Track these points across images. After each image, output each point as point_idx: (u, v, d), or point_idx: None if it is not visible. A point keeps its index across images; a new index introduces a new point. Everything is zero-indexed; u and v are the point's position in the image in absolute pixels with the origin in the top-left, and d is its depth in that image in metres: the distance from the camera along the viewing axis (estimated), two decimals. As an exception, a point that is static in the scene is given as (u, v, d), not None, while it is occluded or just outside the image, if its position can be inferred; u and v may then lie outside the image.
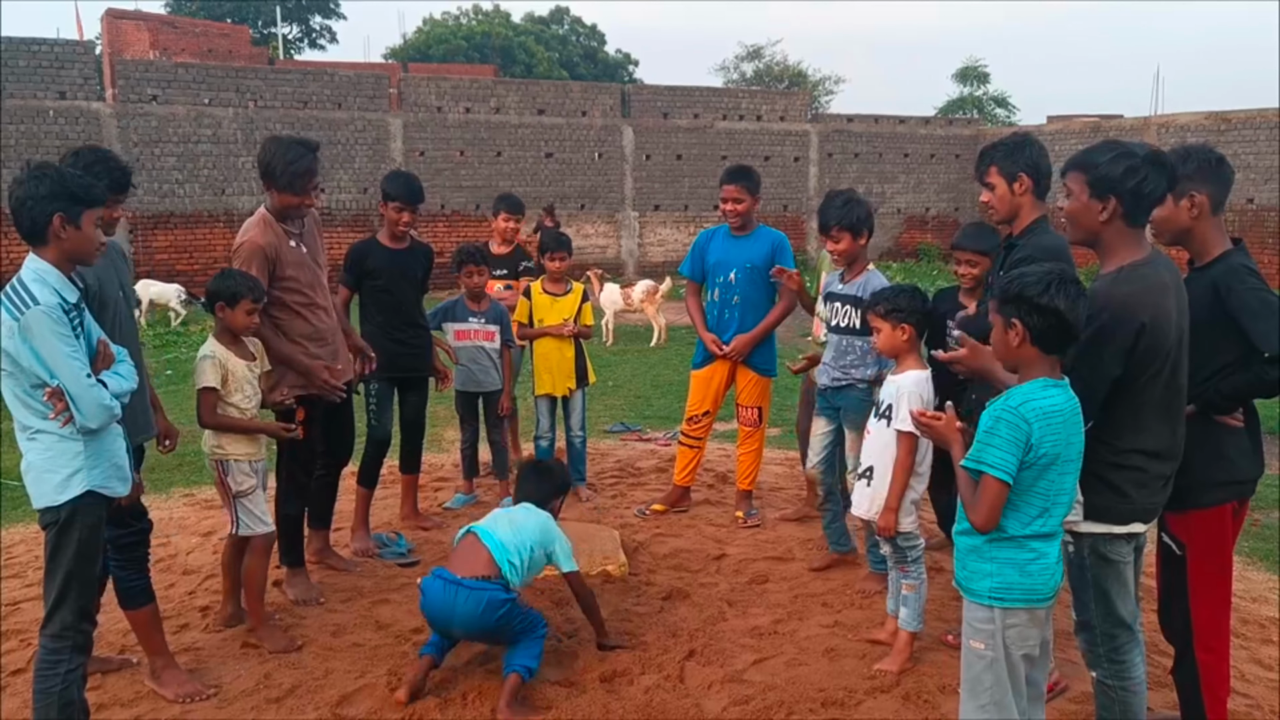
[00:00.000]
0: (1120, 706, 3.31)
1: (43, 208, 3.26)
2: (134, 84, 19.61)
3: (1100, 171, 3.09)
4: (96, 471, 3.39)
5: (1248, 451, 3.50)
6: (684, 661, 4.37)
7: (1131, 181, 3.05)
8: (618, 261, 24.51)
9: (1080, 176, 3.15)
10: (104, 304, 3.83)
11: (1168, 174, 3.11)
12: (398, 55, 47.01)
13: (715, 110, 25.63)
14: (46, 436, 3.33)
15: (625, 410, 10.01)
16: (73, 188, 3.32)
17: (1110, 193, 3.08)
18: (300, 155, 4.70)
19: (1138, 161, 3.05)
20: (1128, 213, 3.10)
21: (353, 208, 21.48)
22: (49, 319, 3.19)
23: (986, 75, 44.53)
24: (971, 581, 3.02)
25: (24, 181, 3.31)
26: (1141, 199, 3.09)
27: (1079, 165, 3.16)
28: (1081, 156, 3.18)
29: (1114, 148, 3.12)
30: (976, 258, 4.71)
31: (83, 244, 3.35)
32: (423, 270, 5.97)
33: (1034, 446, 2.85)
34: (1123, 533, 3.20)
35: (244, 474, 4.51)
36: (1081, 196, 3.15)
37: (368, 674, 4.26)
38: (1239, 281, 3.37)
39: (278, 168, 4.67)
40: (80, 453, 3.34)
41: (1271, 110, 21.26)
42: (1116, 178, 3.06)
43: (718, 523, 6.30)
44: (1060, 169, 3.29)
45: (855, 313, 4.99)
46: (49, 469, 3.34)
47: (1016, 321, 2.91)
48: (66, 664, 3.41)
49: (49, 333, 3.19)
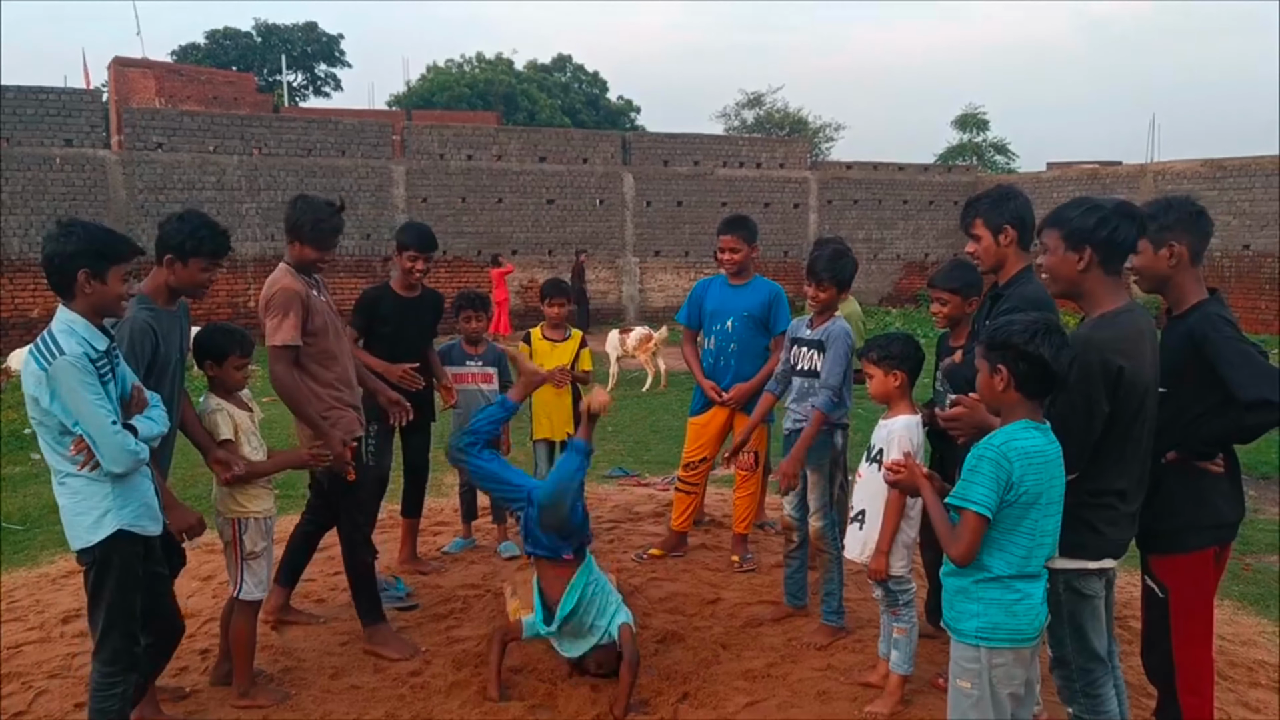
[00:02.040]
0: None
1: (69, 264, 3.39)
2: (140, 132, 19.88)
3: (1073, 225, 3.26)
4: (127, 511, 3.52)
5: (1229, 495, 3.58)
6: (677, 704, 4.41)
7: (1104, 231, 3.21)
8: (619, 307, 24.68)
9: (1055, 232, 3.31)
10: (166, 363, 4.01)
11: (1136, 223, 3.27)
12: (402, 102, 47.51)
13: (715, 157, 25.91)
14: (75, 480, 3.47)
15: (624, 455, 10.06)
16: (99, 245, 3.45)
17: (1085, 243, 3.24)
18: (330, 214, 4.87)
19: (1107, 213, 3.22)
20: (1103, 261, 3.25)
21: (356, 254, 21.66)
22: (75, 369, 3.32)
23: (986, 122, 45.06)
24: (958, 621, 3.10)
25: (55, 238, 3.45)
26: (1115, 247, 3.25)
27: (1053, 223, 3.33)
28: (1054, 215, 3.35)
29: (1084, 203, 3.29)
30: (946, 295, 4.73)
31: (107, 298, 3.47)
32: (432, 318, 6.07)
33: (1015, 485, 2.95)
34: (1095, 568, 3.32)
35: (260, 535, 4.40)
36: (1058, 251, 3.30)
37: (365, 716, 4.31)
38: (1215, 331, 3.47)
39: (307, 224, 4.80)
40: (109, 494, 3.48)
41: (1267, 158, 21.49)
42: (1089, 229, 3.23)
43: (714, 567, 6.34)
44: (1036, 229, 3.44)
45: (818, 356, 5.08)
46: (80, 511, 3.48)
47: (1002, 367, 3.04)
48: (121, 684, 3.58)
49: (75, 382, 3.32)
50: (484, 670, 4.66)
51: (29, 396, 3.42)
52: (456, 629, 5.31)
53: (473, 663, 4.79)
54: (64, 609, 5.59)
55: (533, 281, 22.68)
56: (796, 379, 5.21)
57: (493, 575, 6.17)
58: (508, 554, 6.56)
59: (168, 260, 4.09)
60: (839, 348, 5.02)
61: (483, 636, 5.09)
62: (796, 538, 5.32)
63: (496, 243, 23.20)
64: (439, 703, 4.40)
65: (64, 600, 5.75)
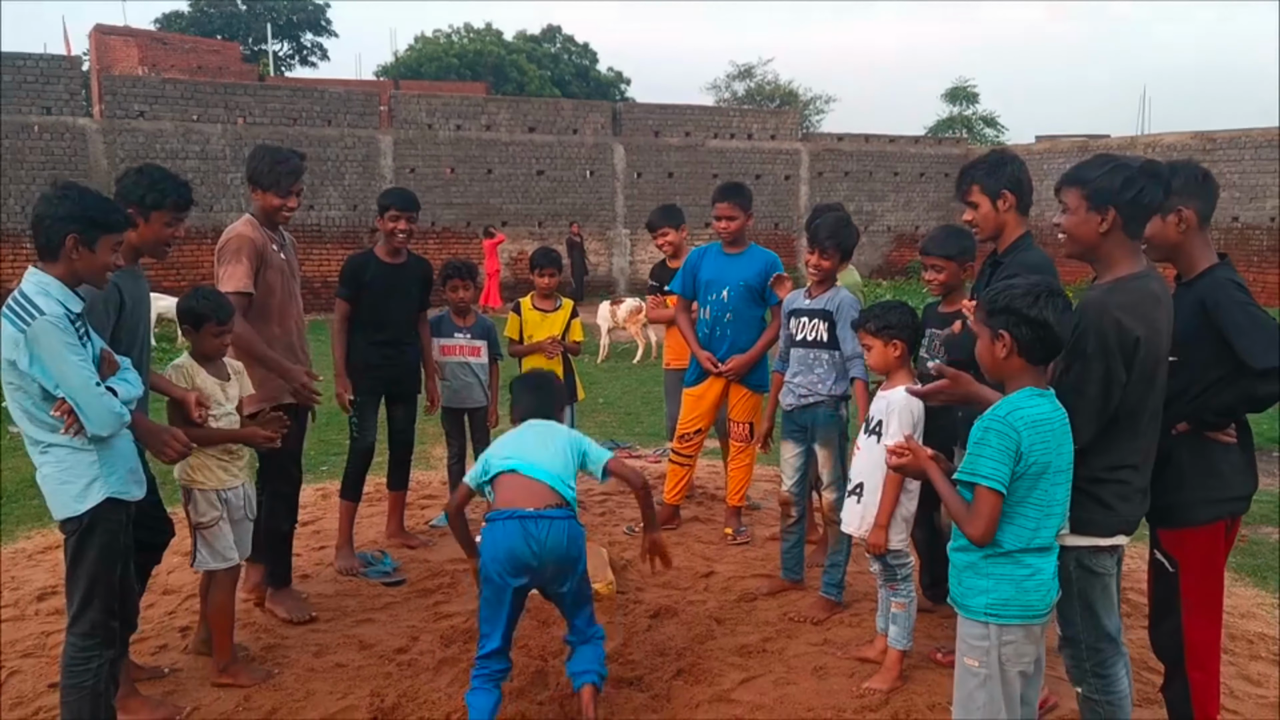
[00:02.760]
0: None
1: (59, 228, 3.29)
2: (121, 100, 19.59)
3: (1098, 184, 3.09)
4: (114, 478, 3.44)
5: (1241, 468, 3.47)
6: (672, 680, 4.31)
7: (1130, 192, 3.05)
8: (609, 279, 24.52)
9: (1076, 191, 3.14)
10: (136, 323, 3.91)
11: (1162, 184, 3.12)
12: (389, 72, 47.08)
13: (706, 129, 25.71)
14: (59, 450, 3.36)
15: (615, 427, 9.96)
16: (92, 212, 3.33)
17: (1108, 204, 3.07)
18: (288, 157, 4.85)
19: (1133, 173, 3.05)
20: (1126, 224, 3.09)
21: (343, 224, 21.47)
22: (56, 329, 3.21)
23: (976, 95, 44.88)
24: (967, 598, 2.98)
25: (48, 199, 3.34)
26: (1139, 209, 3.09)
27: (1075, 180, 3.15)
28: (1076, 172, 3.17)
29: (1108, 161, 3.12)
30: (942, 263, 4.56)
31: (93, 267, 3.37)
32: (418, 286, 5.93)
33: (1024, 455, 2.83)
34: (1107, 545, 3.19)
35: (209, 504, 4.22)
36: (1079, 210, 3.13)
37: (350, 695, 4.19)
38: (1226, 296, 3.35)
39: (264, 168, 4.78)
40: (95, 461, 3.39)
41: (1257, 130, 21.44)
42: (1115, 189, 3.06)
43: (706, 540, 6.25)
44: (1055, 186, 3.26)
45: (824, 325, 4.96)
46: (66, 480, 3.38)
47: (1005, 333, 2.90)
48: (98, 659, 3.46)
49: (57, 343, 3.21)
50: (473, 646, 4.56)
51: (5, 362, 3.28)
52: (444, 604, 5.20)
53: (461, 639, 4.68)
54: (39, 586, 5.45)
55: (522, 254, 22.52)
56: (796, 350, 5.07)
57: (481, 549, 6.05)
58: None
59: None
60: (850, 315, 4.88)
61: (471, 612, 4.98)
62: (795, 512, 5.21)
63: (485, 214, 23.01)
64: (427, 680, 4.29)
65: (39, 577, 5.61)
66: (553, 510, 3.78)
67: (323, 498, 7.00)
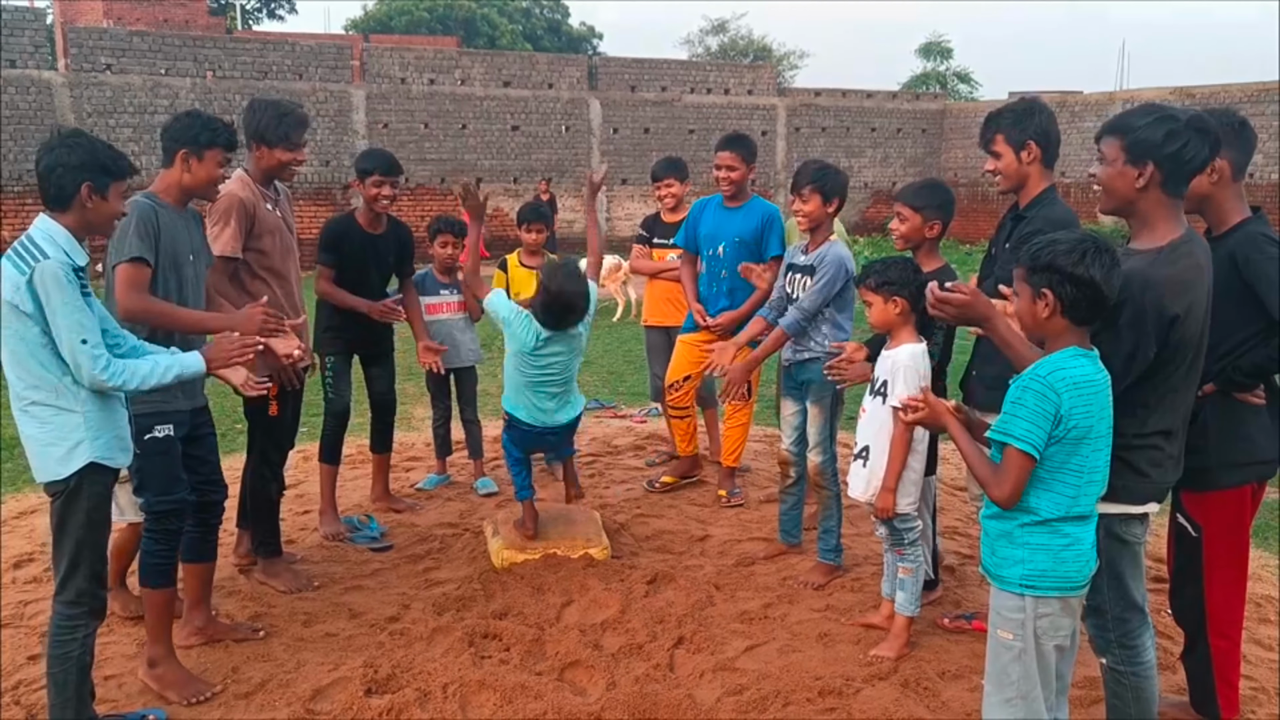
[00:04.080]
0: (1133, 692, 3.15)
1: (72, 176, 3.26)
2: (87, 53, 19.07)
3: (1139, 135, 2.88)
4: (100, 443, 3.33)
5: (1270, 430, 3.36)
6: (673, 649, 4.20)
7: (1172, 147, 2.85)
8: (584, 236, 24.26)
9: (1116, 141, 2.94)
10: (177, 263, 3.91)
11: (1210, 141, 2.90)
12: (359, 27, 46.32)
13: (683, 83, 25.40)
14: (44, 409, 3.27)
15: (599, 387, 9.83)
16: (104, 159, 3.32)
17: (1148, 158, 2.87)
18: (292, 108, 4.75)
19: (1179, 126, 2.85)
20: (1165, 180, 2.90)
21: (315, 180, 21.07)
22: (59, 275, 3.15)
23: (950, 50, 44.57)
24: (1001, 568, 2.85)
25: (54, 148, 3.29)
26: (1181, 165, 2.88)
27: (1116, 129, 2.95)
28: (1119, 120, 2.97)
29: (1154, 110, 2.91)
30: (908, 212, 4.37)
31: (105, 214, 3.36)
32: (395, 254, 5.72)
33: (1064, 419, 2.69)
34: (1139, 513, 3.06)
35: None
36: (1117, 162, 2.93)
37: (342, 665, 4.04)
38: (1257, 250, 3.23)
39: (270, 124, 4.63)
40: (81, 424, 3.29)
41: (1236, 85, 21.38)
42: (1156, 142, 2.86)
43: (700, 503, 6.14)
44: (1095, 135, 3.09)
45: (809, 282, 4.84)
46: (50, 441, 3.28)
47: (1048, 291, 2.74)
48: (84, 628, 3.40)
49: (55, 289, 3.14)
50: (467, 615, 4.44)
51: (6, 305, 3.17)
52: (435, 571, 5.06)
53: (454, 607, 4.55)
54: (16, 553, 5.26)
55: (498, 210, 22.23)
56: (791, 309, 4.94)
57: (470, 513, 5.92)
58: (484, 490, 6.31)
59: (182, 156, 3.97)
60: (828, 273, 4.76)
61: (463, 579, 4.85)
62: (794, 473, 5.09)
63: (460, 170, 22.66)
64: (420, 650, 4.15)
65: (16, 544, 5.41)
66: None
67: (304, 460, 6.81)
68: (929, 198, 4.39)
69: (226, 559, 4.97)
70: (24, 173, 18.15)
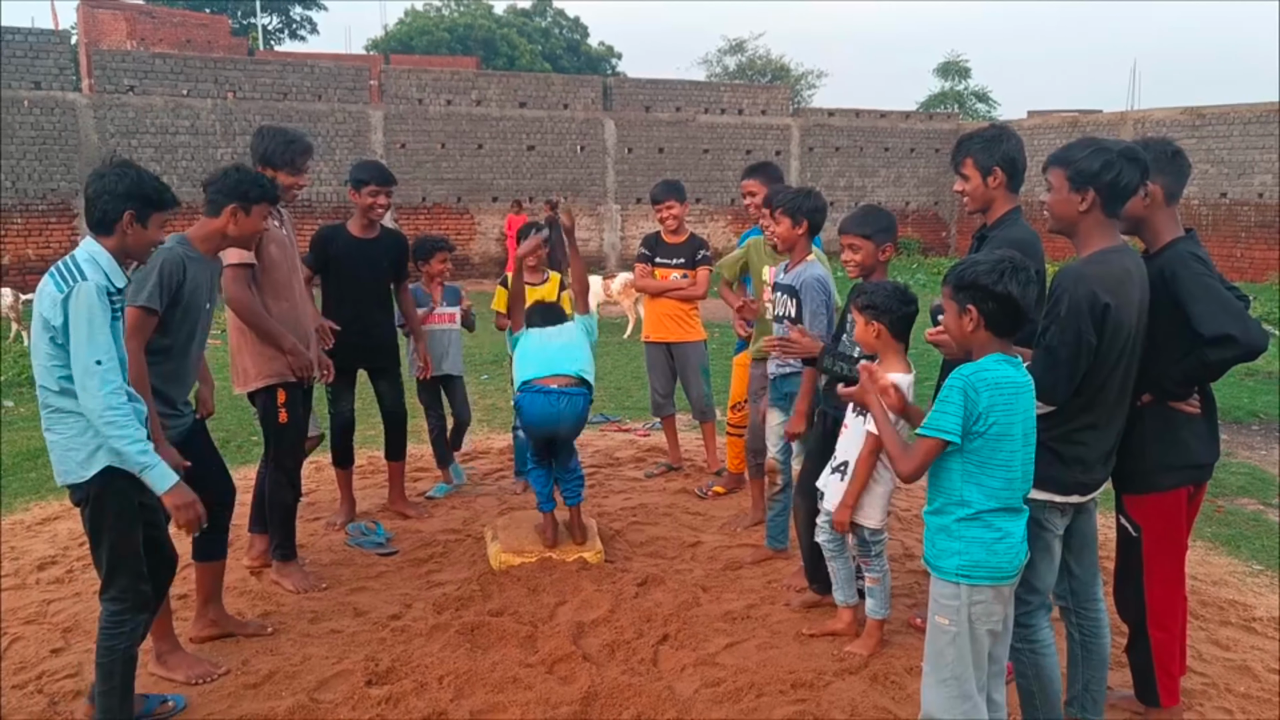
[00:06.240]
0: (1032, 669, 3.44)
1: (117, 204, 3.48)
2: (110, 74, 19.54)
3: (1079, 166, 3.28)
4: None
5: (1204, 437, 3.61)
6: (658, 645, 4.45)
7: (1108, 175, 3.25)
8: (600, 254, 24.56)
9: (1060, 171, 3.34)
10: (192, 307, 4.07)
11: (1141, 168, 3.30)
12: (379, 47, 46.84)
13: (697, 104, 25.68)
14: (69, 417, 3.45)
15: (605, 401, 10.05)
16: (148, 189, 3.55)
17: (1088, 185, 3.27)
18: (298, 136, 5.13)
19: (1113, 156, 3.25)
20: (1104, 204, 3.29)
21: (333, 200, 21.46)
22: (93, 297, 3.34)
23: (968, 70, 44.84)
24: (939, 559, 3.12)
25: (104, 175, 3.51)
26: (1117, 190, 3.28)
27: (1060, 161, 3.35)
28: (1061, 153, 3.37)
29: (1090, 144, 3.31)
30: (859, 241, 4.50)
31: (143, 242, 3.59)
32: (390, 260, 5.98)
33: (983, 415, 2.98)
34: (1061, 502, 3.38)
35: None
36: (1062, 190, 3.34)
37: (345, 659, 4.31)
38: (1184, 267, 3.48)
39: (277, 149, 5.01)
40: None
41: (1245, 106, 21.50)
42: (1094, 171, 3.26)
43: (694, 511, 6.38)
44: (1043, 165, 3.46)
45: (791, 302, 5.01)
46: (71, 447, 3.47)
47: (971, 307, 3.05)
48: (130, 622, 3.60)
49: (85, 310, 3.33)
50: (465, 613, 4.69)
51: (41, 320, 3.38)
52: (437, 573, 5.32)
53: (453, 606, 4.81)
54: (39, 556, 5.56)
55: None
56: (777, 325, 5.16)
57: (473, 520, 6.18)
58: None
59: (231, 210, 4.19)
60: (814, 296, 4.91)
61: (463, 580, 5.11)
62: (780, 481, 5.32)
63: (476, 189, 23.03)
64: (420, 645, 4.41)
65: (39, 547, 5.72)
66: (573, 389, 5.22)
67: (315, 470, 7.10)
68: (875, 224, 4.53)
69: (239, 561, 5.26)
70: (48, 191, 18.60)
